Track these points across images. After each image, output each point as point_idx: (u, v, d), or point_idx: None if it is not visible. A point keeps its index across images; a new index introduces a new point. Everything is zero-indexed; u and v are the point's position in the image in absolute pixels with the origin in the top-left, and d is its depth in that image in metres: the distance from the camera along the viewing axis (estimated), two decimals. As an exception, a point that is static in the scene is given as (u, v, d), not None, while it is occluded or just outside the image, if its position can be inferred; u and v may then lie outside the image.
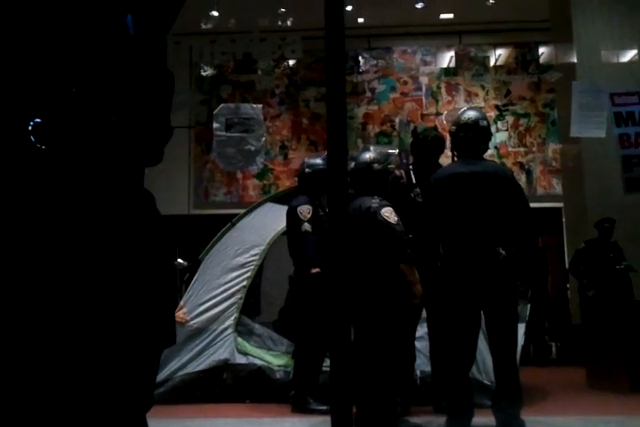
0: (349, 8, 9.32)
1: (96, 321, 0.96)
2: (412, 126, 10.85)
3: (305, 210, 4.63)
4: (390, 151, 4.18)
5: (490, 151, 7.71)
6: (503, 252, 3.66)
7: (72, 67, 0.98)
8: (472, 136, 3.85)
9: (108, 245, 0.99)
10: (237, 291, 5.26)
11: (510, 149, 11.02)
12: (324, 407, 4.18)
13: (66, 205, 0.97)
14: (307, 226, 4.56)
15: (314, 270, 4.43)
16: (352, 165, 3.91)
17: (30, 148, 0.95)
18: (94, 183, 0.99)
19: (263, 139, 6.35)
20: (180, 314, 5.16)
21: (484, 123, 3.94)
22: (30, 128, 0.95)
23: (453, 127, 3.94)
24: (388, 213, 3.74)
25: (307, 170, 4.84)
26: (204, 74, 10.17)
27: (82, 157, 0.97)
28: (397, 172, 4.55)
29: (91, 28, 1.00)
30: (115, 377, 0.99)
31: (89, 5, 1.00)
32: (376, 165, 3.96)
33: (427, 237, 4.07)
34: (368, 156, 4.02)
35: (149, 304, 1.02)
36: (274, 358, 5.04)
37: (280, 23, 8.12)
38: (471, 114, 3.96)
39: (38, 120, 0.95)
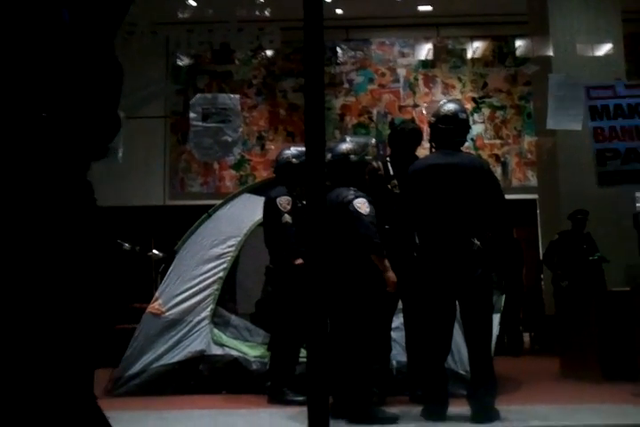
0: (327, -1, 9.28)
1: (26, 315, 0.95)
2: (389, 118, 10.89)
3: (284, 201, 4.61)
4: (366, 142, 4.18)
5: (466, 143, 7.74)
6: (478, 242, 3.70)
7: None
8: (451, 128, 3.88)
9: (34, 242, 0.97)
10: (214, 282, 5.24)
11: (486, 141, 11.09)
12: (301, 398, 4.19)
13: None
14: (287, 217, 4.54)
15: (297, 261, 4.41)
16: (329, 156, 3.91)
17: None
18: (19, 178, 0.96)
19: (240, 129, 6.30)
20: (155, 305, 5.13)
21: (463, 115, 3.97)
22: None
23: (433, 119, 3.97)
24: (360, 204, 3.76)
25: (294, 160, 4.80)
26: (180, 64, 10.08)
27: (7, 152, 0.94)
28: (375, 163, 4.55)
29: (18, 17, 0.96)
30: (47, 366, 0.98)
31: None
32: (352, 156, 3.97)
33: (403, 228, 4.09)
34: (344, 147, 4.02)
35: (77, 294, 1.01)
36: (250, 349, 5.03)
37: (258, 13, 8.06)
38: (451, 106, 3.99)
39: None
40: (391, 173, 4.49)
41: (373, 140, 4.33)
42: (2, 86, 0.94)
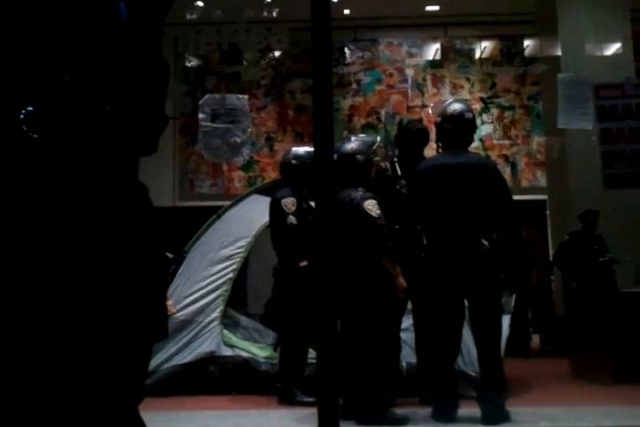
0: (335, -1, 9.29)
1: (90, 316, 0.95)
2: (397, 118, 10.88)
3: (289, 202, 4.61)
4: (373, 141, 4.18)
5: (475, 144, 7.73)
6: (486, 243, 3.69)
7: (64, 55, 0.96)
8: (457, 128, 3.87)
9: (100, 238, 0.97)
10: (223, 283, 5.24)
11: (495, 142, 11.06)
12: (311, 399, 4.18)
13: (58, 195, 0.95)
14: (292, 219, 4.54)
15: (301, 264, 4.42)
16: (334, 156, 3.90)
17: (22, 136, 0.93)
18: (87, 173, 0.98)
19: (249, 130, 6.31)
20: (165, 306, 5.14)
21: (470, 115, 3.96)
22: (22, 117, 0.93)
23: (439, 119, 3.97)
24: (371, 206, 3.75)
25: (293, 162, 4.81)
26: (188, 64, 10.09)
27: (75, 145, 0.96)
28: (383, 164, 4.55)
29: (83, 16, 0.99)
30: (109, 371, 0.98)
31: None
32: (359, 155, 3.96)
33: (411, 228, 4.08)
34: (350, 147, 4.01)
35: (142, 298, 1.01)
36: (260, 350, 5.03)
37: (266, 14, 8.07)
38: (457, 106, 3.99)
39: (30, 108, 0.94)
40: (399, 173, 4.48)
41: (379, 139, 4.33)
42: (74, 79, 0.96)
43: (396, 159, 4.62)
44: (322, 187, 1.51)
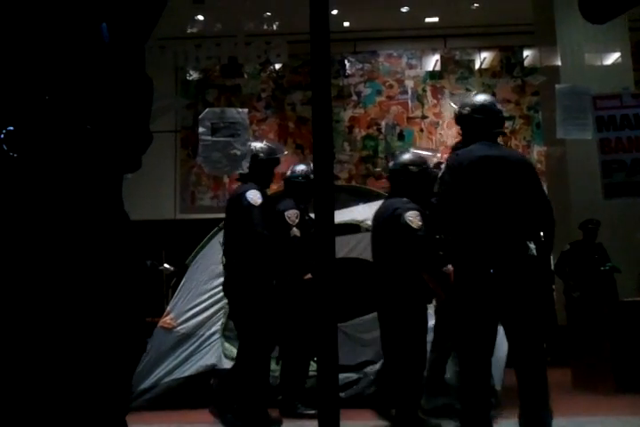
0: (335, 12, 9.35)
1: (68, 329, 0.96)
2: (398, 130, 10.92)
3: (292, 214, 4.62)
4: (429, 154, 4.19)
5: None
6: (532, 246, 3.24)
7: (45, 74, 0.97)
8: (488, 118, 3.49)
9: (77, 252, 0.99)
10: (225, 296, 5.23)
11: (496, 152, 11.07)
12: (313, 412, 4.18)
13: (38, 213, 0.96)
14: (295, 231, 4.55)
15: (306, 276, 4.42)
16: (390, 164, 3.96)
17: (2, 156, 0.95)
18: (67, 191, 0.99)
19: (248, 143, 6.33)
20: (167, 320, 5.14)
21: (499, 106, 3.62)
22: (2, 136, 0.95)
23: (467, 109, 3.54)
24: (412, 217, 3.68)
25: (293, 176, 4.87)
26: (189, 78, 10.16)
27: (55, 164, 0.97)
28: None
29: (64, 36, 1.00)
30: (92, 382, 0.99)
31: (63, 14, 1.00)
32: (412, 167, 3.94)
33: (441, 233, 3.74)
34: (405, 157, 4.03)
35: (121, 310, 1.02)
36: (261, 362, 5.02)
37: (265, 27, 8.13)
38: (485, 96, 3.68)
39: (11, 128, 0.95)
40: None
41: (437, 154, 4.32)
42: (55, 98, 0.97)
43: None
44: (321, 199, 1.52)
